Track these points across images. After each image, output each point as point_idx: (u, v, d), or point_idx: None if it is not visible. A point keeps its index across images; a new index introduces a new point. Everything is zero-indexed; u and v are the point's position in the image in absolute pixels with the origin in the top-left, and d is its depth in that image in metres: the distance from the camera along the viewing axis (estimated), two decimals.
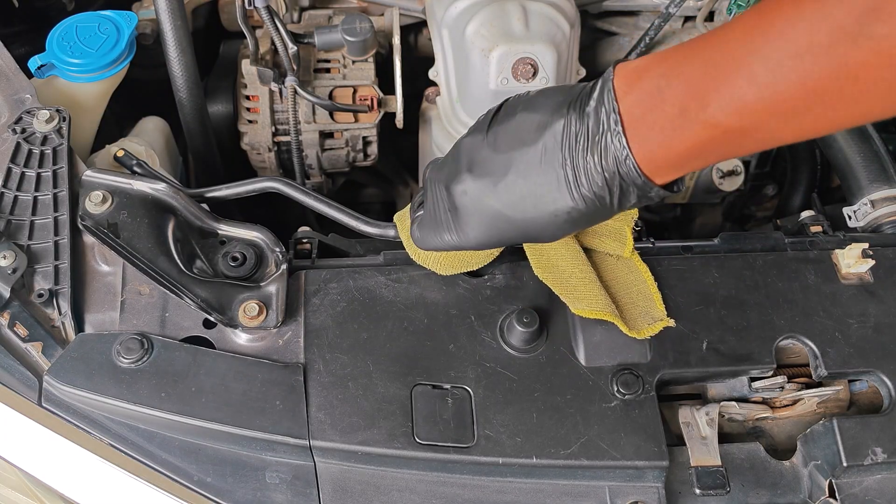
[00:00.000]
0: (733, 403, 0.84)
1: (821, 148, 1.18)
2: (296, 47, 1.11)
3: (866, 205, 1.01)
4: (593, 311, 0.80)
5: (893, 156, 1.08)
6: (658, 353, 0.82)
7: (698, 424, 0.82)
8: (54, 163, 0.89)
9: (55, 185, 0.88)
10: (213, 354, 0.81)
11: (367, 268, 0.88)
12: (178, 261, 0.84)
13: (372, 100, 1.17)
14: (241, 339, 0.83)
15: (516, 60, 1.06)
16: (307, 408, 0.78)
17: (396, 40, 1.14)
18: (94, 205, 0.87)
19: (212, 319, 0.82)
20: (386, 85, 1.18)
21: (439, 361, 0.81)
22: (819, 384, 0.85)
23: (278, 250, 0.87)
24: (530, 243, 0.84)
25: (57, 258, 0.84)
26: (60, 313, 0.83)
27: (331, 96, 1.17)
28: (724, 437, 0.82)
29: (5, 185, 0.88)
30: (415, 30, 1.31)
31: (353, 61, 1.19)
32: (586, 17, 1.27)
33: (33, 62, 0.99)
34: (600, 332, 0.82)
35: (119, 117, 1.20)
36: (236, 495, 0.77)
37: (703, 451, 0.80)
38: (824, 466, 0.79)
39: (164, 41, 1.05)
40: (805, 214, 1.01)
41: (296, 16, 1.25)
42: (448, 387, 0.80)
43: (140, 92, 1.17)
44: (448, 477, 0.78)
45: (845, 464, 0.77)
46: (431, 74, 1.19)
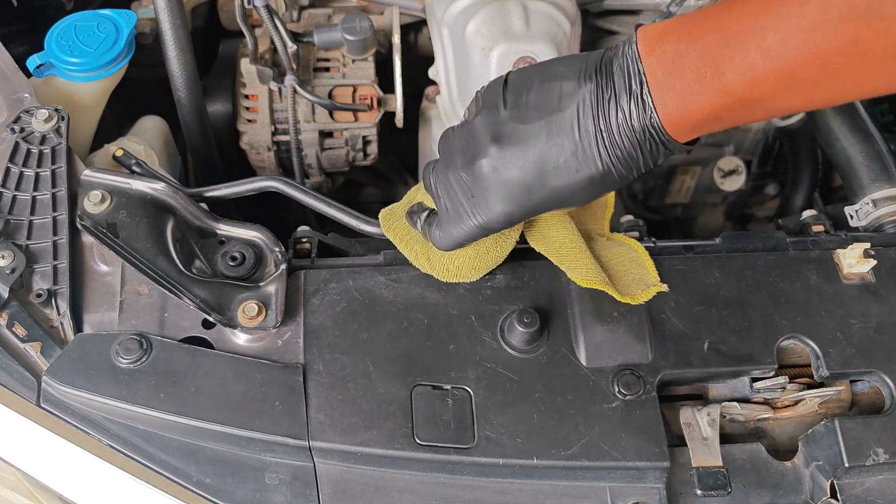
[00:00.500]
0: (735, 404, 0.83)
1: (822, 147, 1.17)
2: (295, 46, 1.11)
3: (868, 204, 1.01)
4: (586, 280, 0.81)
5: (895, 155, 1.08)
6: (659, 354, 0.82)
7: (699, 425, 0.81)
8: (53, 162, 0.89)
9: (54, 185, 0.88)
10: (212, 355, 0.81)
11: (367, 268, 0.88)
12: (177, 261, 0.84)
13: (372, 99, 1.17)
14: (241, 339, 0.82)
15: (517, 59, 1.06)
16: (307, 408, 0.78)
17: (396, 39, 1.14)
18: (93, 204, 0.86)
19: (211, 319, 0.82)
20: (386, 84, 1.18)
21: (439, 362, 0.81)
22: (821, 384, 0.85)
23: (277, 250, 0.87)
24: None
25: (55, 258, 0.84)
26: (59, 313, 0.83)
27: (330, 95, 1.17)
28: (725, 438, 0.82)
29: (4, 185, 0.88)
30: (415, 29, 1.30)
31: (353, 60, 1.18)
32: (587, 15, 1.26)
33: (32, 61, 0.98)
34: (601, 332, 0.82)
35: (118, 117, 1.20)
36: (235, 496, 0.77)
37: (705, 451, 0.80)
38: (826, 467, 0.79)
39: (162, 40, 1.05)
40: (807, 214, 1.00)
41: (295, 14, 1.24)
42: (448, 387, 0.80)
43: (139, 91, 1.16)
44: (448, 478, 0.77)
45: (847, 464, 0.77)
46: (431, 73, 1.19)
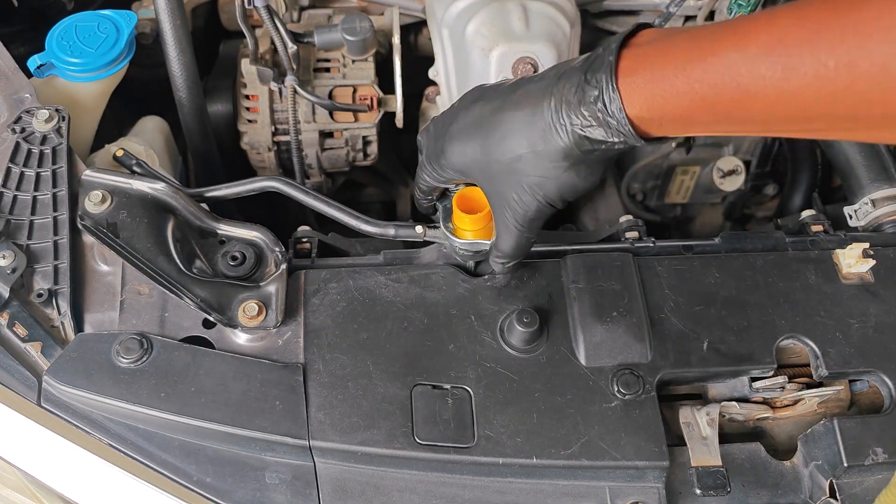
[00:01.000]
0: (734, 403, 0.83)
1: (821, 147, 1.18)
2: (295, 47, 1.11)
3: (867, 204, 1.01)
4: None
5: (894, 155, 1.08)
6: (658, 354, 0.82)
7: (699, 424, 0.81)
8: (54, 162, 0.89)
9: (54, 185, 0.88)
10: (213, 354, 0.81)
11: (367, 267, 0.88)
12: (178, 260, 0.84)
13: (372, 99, 1.17)
14: (241, 339, 0.82)
15: (516, 60, 1.06)
16: (307, 408, 0.78)
17: (396, 40, 1.14)
18: (94, 204, 0.86)
19: (211, 319, 0.82)
20: (386, 84, 1.18)
21: (439, 361, 0.81)
22: (820, 384, 0.85)
23: (278, 250, 0.87)
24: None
25: (56, 258, 0.84)
26: (60, 313, 0.83)
27: (330, 96, 1.17)
28: (724, 438, 0.82)
29: (4, 185, 0.88)
30: (415, 29, 1.30)
31: (353, 61, 1.18)
32: (587, 16, 1.26)
33: (32, 61, 0.98)
34: (601, 332, 0.82)
35: (118, 117, 1.20)
36: (236, 495, 0.77)
37: (704, 451, 0.80)
38: (825, 466, 0.79)
39: (163, 41, 1.05)
40: (806, 214, 1.00)
41: (295, 15, 1.24)
42: (448, 387, 0.80)
43: (139, 91, 1.16)
44: (448, 477, 0.78)
45: (846, 464, 0.77)
46: (431, 74, 1.19)
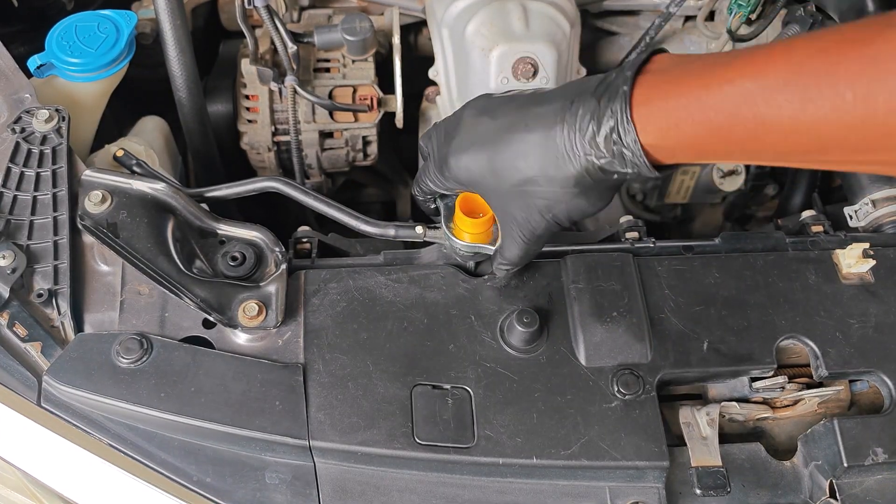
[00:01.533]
0: (734, 403, 0.83)
1: None
2: (295, 47, 1.11)
3: (867, 204, 1.01)
4: None
5: None
6: (659, 354, 0.82)
7: (699, 424, 0.81)
8: (53, 162, 0.89)
9: (54, 185, 0.88)
10: (213, 354, 0.81)
11: (367, 268, 0.88)
12: (178, 260, 0.84)
13: (372, 99, 1.17)
14: (241, 339, 0.82)
15: (516, 60, 1.06)
16: (307, 408, 0.78)
17: (396, 40, 1.14)
18: (94, 204, 0.86)
19: (211, 319, 0.82)
20: (386, 84, 1.18)
21: (439, 361, 0.81)
22: (820, 384, 0.85)
23: (278, 250, 0.87)
24: None
25: (56, 258, 0.84)
26: (60, 313, 0.83)
27: (330, 96, 1.17)
28: (724, 438, 0.82)
29: (4, 185, 0.88)
30: (415, 29, 1.30)
31: (353, 61, 1.18)
32: (587, 16, 1.26)
33: (32, 61, 0.98)
34: (601, 332, 0.82)
35: (118, 117, 1.20)
36: (236, 495, 0.77)
37: (704, 451, 0.80)
38: (825, 467, 0.79)
39: (163, 41, 1.05)
40: (806, 214, 1.00)
41: (295, 15, 1.24)
42: (448, 387, 0.80)
43: (139, 91, 1.16)
44: (448, 477, 0.78)
45: (846, 464, 0.77)
46: (431, 74, 1.19)
